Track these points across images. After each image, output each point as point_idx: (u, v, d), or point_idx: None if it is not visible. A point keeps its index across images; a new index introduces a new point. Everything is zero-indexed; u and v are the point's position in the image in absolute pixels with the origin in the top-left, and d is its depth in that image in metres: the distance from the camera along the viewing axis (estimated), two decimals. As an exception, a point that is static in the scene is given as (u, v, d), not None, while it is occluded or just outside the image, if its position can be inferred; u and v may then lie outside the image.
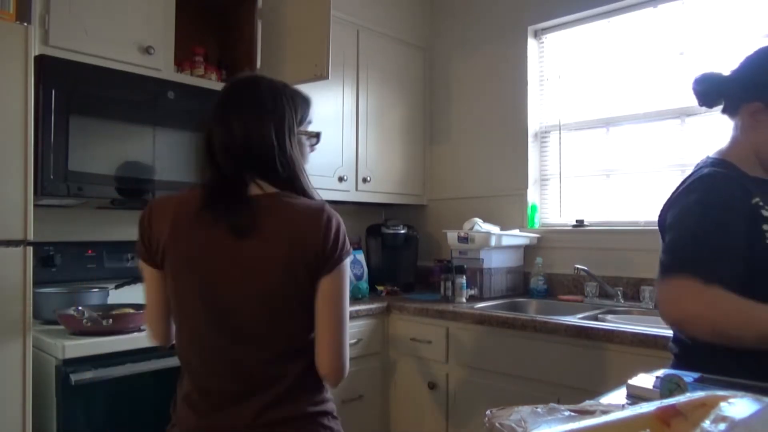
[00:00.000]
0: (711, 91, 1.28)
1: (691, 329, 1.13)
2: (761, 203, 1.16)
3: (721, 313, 1.07)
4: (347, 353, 1.17)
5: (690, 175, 1.27)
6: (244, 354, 1.10)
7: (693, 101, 1.33)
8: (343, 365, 1.15)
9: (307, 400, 1.14)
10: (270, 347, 1.11)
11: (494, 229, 2.80)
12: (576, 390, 1.96)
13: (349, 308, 1.16)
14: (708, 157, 1.29)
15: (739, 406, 0.55)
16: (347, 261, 1.14)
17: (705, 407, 0.55)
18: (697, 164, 1.30)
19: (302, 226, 1.09)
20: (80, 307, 1.85)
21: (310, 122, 1.26)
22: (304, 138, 1.24)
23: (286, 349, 1.13)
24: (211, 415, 1.10)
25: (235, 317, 1.10)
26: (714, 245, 1.12)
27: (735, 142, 1.27)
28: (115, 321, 1.81)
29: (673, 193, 1.29)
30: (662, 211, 1.30)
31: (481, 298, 2.72)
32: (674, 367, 1.23)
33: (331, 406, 1.19)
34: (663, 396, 0.84)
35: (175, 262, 1.11)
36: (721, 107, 1.30)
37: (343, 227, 1.15)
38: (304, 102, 1.24)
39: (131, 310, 1.90)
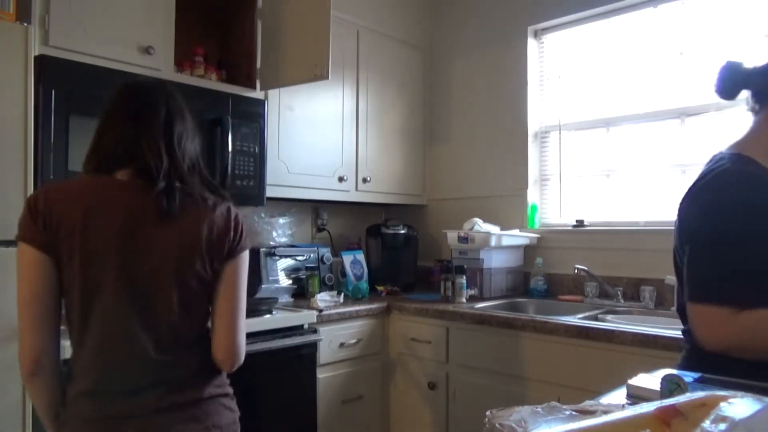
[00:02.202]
0: (738, 80, 1.23)
1: (732, 354, 1.11)
2: None
3: (751, 338, 1.09)
4: (242, 339, 1.23)
5: (708, 170, 1.21)
6: (153, 339, 1.13)
7: (693, 101, 1.31)
8: (237, 350, 1.21)
9: (209, 383, 1.19)
10: (177, 333, 1.16)
11: (494, 229, 2.80)
12: (576, 390, 1.96)
13: (245, 299, 1.25)
14: (722, 152, 1.24)
15: (739, 406, 0.55)
16: (247, 252, 1.26)
17: (705, 407, 0.55)
18: (713, 158, 1.24)
19: (216, 218, 1.20)
20: None
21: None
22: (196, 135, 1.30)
23: (191, 336, 1.18)
24: (113, 404, 1.10)
25: (151, 299, 1.13)
26: (746, 266, 1.10)
27: (756, 135, 1.22)
28: None
29: (692, 188, 1.23)
30: (681, 205, 1.24)
31: (481, 298, 2.72)
32: (682, 363, 1.23)
33: (229, 388, 1.26)
34: (663, 396, 0.84)
35: (87, 247, 1.09)
36: (735, 99, 1.26)
37: (243, 222, 1.27)
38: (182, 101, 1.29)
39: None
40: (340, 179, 2.90)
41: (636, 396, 0.92)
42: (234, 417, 1.23)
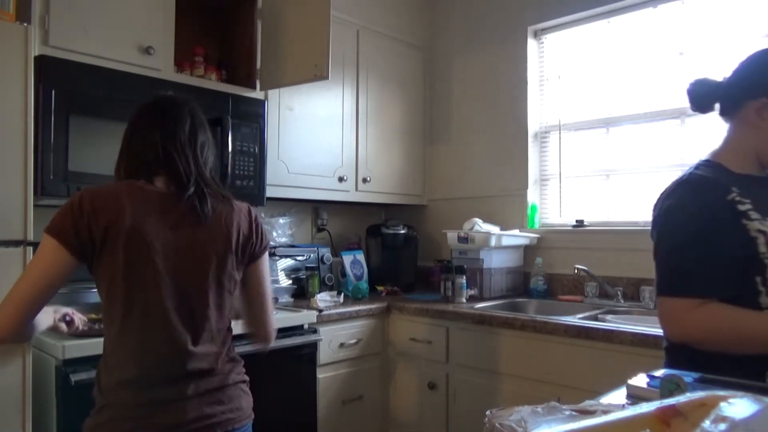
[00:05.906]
0: (707, 94, 1.32)
1: (694, 345, 1.18)
2: (737, 198, 1.18)
3: (712, 330, 1.15)
4: (274, 319, 1.45)
5: (678, 178, 1.30)
6: (190, 333, 1.23)
7: (692, 101, 1.35)
8: (272, 328, 1.44)
9: (232, 371, 1.32)
10: (210, 328, 1.26)
11: (494, 229, 2.80)
12: (576, 390, 1.96)
13: (270, 285, 1.44)
14: (700, 160, 1.32)
15: (739, 406, 0.55)
16: (267, 249, 1.42)
17: (705, 407, 0.55)
18: (690, 167, 1.32)
19: (242, 220, 1.33)
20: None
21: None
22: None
23: (221, 330, 1.30)
24: (152, 391, 1.19)
25: (191, 294, 1.23)
26: (700, 259, 1.16)
27: (730, 141, 1.30)
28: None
29: (662, 193, 1.32)
30: (653, 209, 1.33)
31: (481, 298, 2.72)
32: (667, 361, 1.26)
33: (246, 376, 1.38)
34: (663, 396, 0.84)
35: (133, 248, 1.17)
36: (712, 112, 1.34)
37: (260, 221, 1.40)
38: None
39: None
40: (340, 179, 2.90)
41: (636, 396, 0.92)
42: (251, 401, 1.36)
